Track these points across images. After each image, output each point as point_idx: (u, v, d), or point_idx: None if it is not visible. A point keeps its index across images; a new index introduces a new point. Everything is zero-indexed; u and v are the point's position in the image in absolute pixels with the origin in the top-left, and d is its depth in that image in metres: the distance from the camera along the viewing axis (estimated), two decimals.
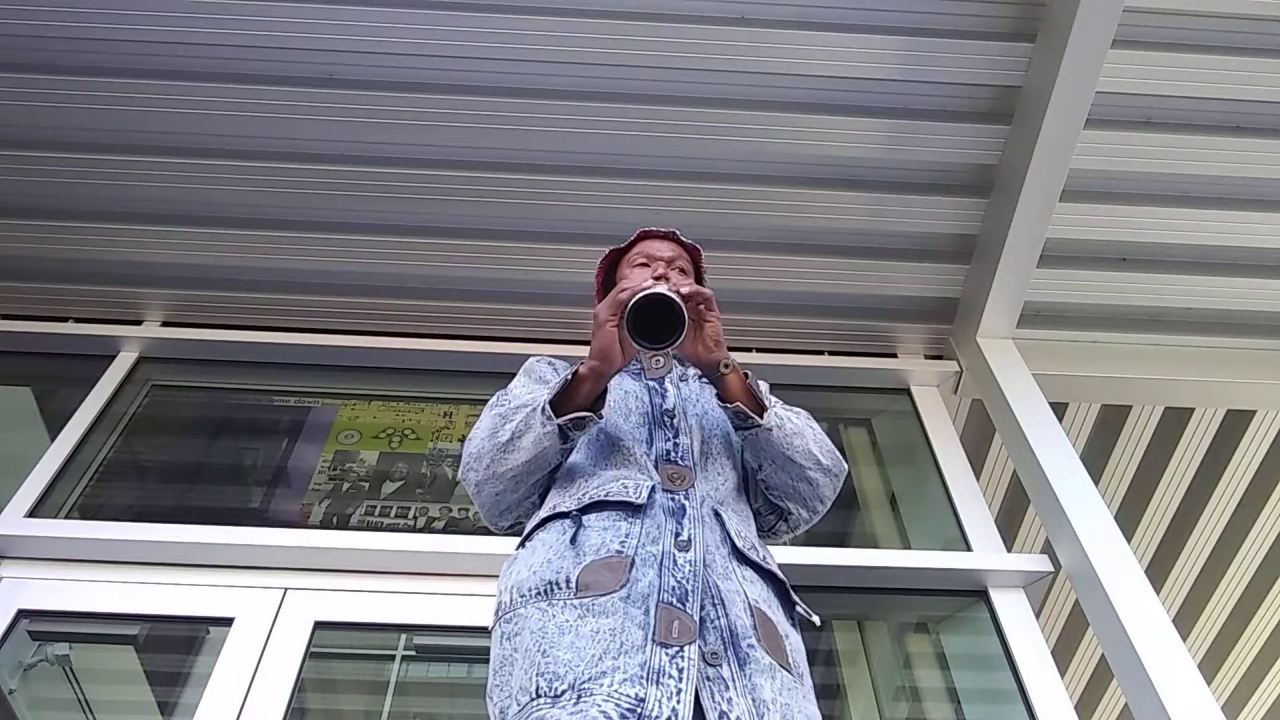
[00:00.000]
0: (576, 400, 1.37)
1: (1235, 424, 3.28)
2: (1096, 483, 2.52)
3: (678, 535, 1.29)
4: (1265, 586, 3.68)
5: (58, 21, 2.55)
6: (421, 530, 2.61)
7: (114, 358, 2.96)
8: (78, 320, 3.03)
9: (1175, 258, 2.98)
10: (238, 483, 2.93)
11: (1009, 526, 3.45)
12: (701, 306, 1.40)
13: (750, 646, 1.21)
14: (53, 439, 2.66)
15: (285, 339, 3.04)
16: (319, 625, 2.25)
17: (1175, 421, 3.29)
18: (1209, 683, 2.19)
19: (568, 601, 1.22)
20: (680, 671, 1.13)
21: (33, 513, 2.44)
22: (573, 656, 1.15)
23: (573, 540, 1.29)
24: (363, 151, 2.76)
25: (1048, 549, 2.48)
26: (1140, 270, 2.99)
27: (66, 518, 2.52)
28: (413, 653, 2.46)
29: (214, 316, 3.04)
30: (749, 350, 3.12)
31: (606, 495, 1.35)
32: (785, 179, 2.84)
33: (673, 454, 1.44)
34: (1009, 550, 2.58)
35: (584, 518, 1.33)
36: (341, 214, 2.86)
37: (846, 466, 1.57)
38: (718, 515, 1.38)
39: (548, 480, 1.47)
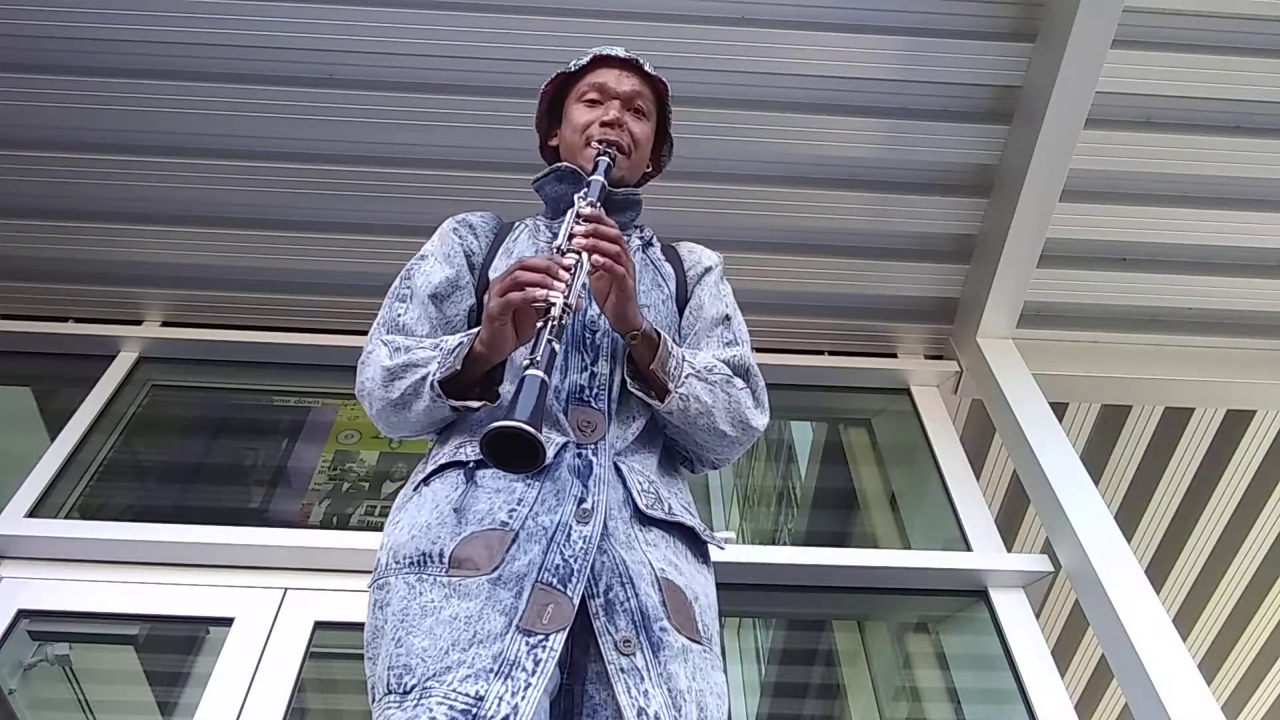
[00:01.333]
0: (471, 374, 1.26)
1: (1235, 424, 3.28)
2: (1096, 483, 2.52)
3: (581, 502, 1.19)
4: (1265, 586, 3.68)
5: (58, 21, 2.55)
6: None
7: (114, 358, 2.96)
8: (78, 320, 3.03)
9: (1175, 258, 2.98)
10: (238, 483, 2.93)
11: (1009, 526, 3.45)
12: (615, 286, 1.26)
13: (663, 630, 1.16)
14: (53, 439, 2.66)
15: (285, 339, 3.04)
16: (319, 625, 2.25)
17: (1175, 421, 3.29)
18: (1209, 683, 2.19)
19: (437, 578, 1.14)
20: (537, 664, 1.06)
21: (33, 513, 2.44)
22: (428, 644, 1.09)
23: (459, 505, 1.20)
24: (363, 151, 2.76)
25: (1048, 549, 2.48)
26: (1140, 270, 2.99)
27: (66, 518, 2.52)
28: None
29: (214, 316, 3.04)
30: None
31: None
32: (785, 179, 2.84)
33: (587, 391, 1.31)
34: (1009, 550, 2.58)
35: (478, 474, 1.22)
36: (341, 214, 2.86)
37: (760, 427, 1.42)
38: (619, 470, 1.27)
39: None
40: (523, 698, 1.03)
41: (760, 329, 3.12)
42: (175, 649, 2.42)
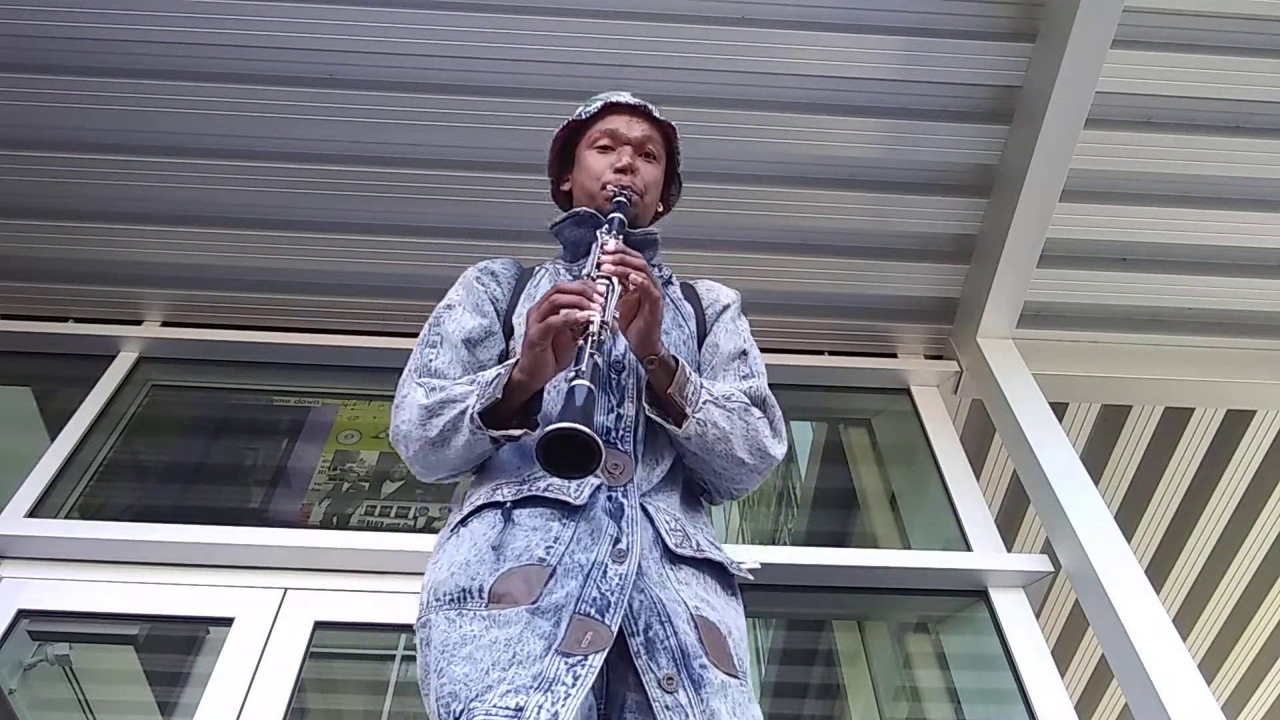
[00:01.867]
0: (509, 404, 1.27)
1: (1235, 424, 3.28)
2: (1096, 483, 2.52)
3: (616, 542, 1.22)
4: (1265, 586, 3.68)
5: (58, 21, 2.55)
6: (421, 530, 2.61)
7: (114, 358, 2.96)
8: (78, 320, 3.03)
9: (1175, 258, 2.98)
10: (238, 483, 2.93)
11: (1009, 526, 3.45)
12: (645, 308, 1.28)
13: (703, 667, 1.17)
14: (53, 439, 2.66)
15: (285, 339, 3.04)
16: (319, 625, 2.25)
17: (1175, 421, 3.29)
18: (1209, 683, 2.18)
19: (476, 613, 1.17)
20: (576, 679, 1.08)
21: (33, 513, 2.44)
22: (468, 669, 1.12)
23: (497, 543, 1.22)
24: (363, 151, 2.76)
25: (1048, 549, 2.48)
26: (1140, 270, 2.99)
27: (66, 518, 2.52)
28: (413, 653, 2.44)
29: (214, 316, 3.04)
30: None
31: (545, 490, 1.26)
32: (785, 179, 2.84)
33: (614, 432, 1.33)
34: (1009, 550, 2.58)
35: (515, 512, 1.25)
36: (341, 214, 2.86)
37: (778, 456, 1.42)
38: (647, 512, 1.29)
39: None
40: (563, 705, 1.05)
41: (760, 329, 3.11)
42: (175, 649, 2.42)
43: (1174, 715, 1.92)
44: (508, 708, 1.05)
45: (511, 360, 1.30)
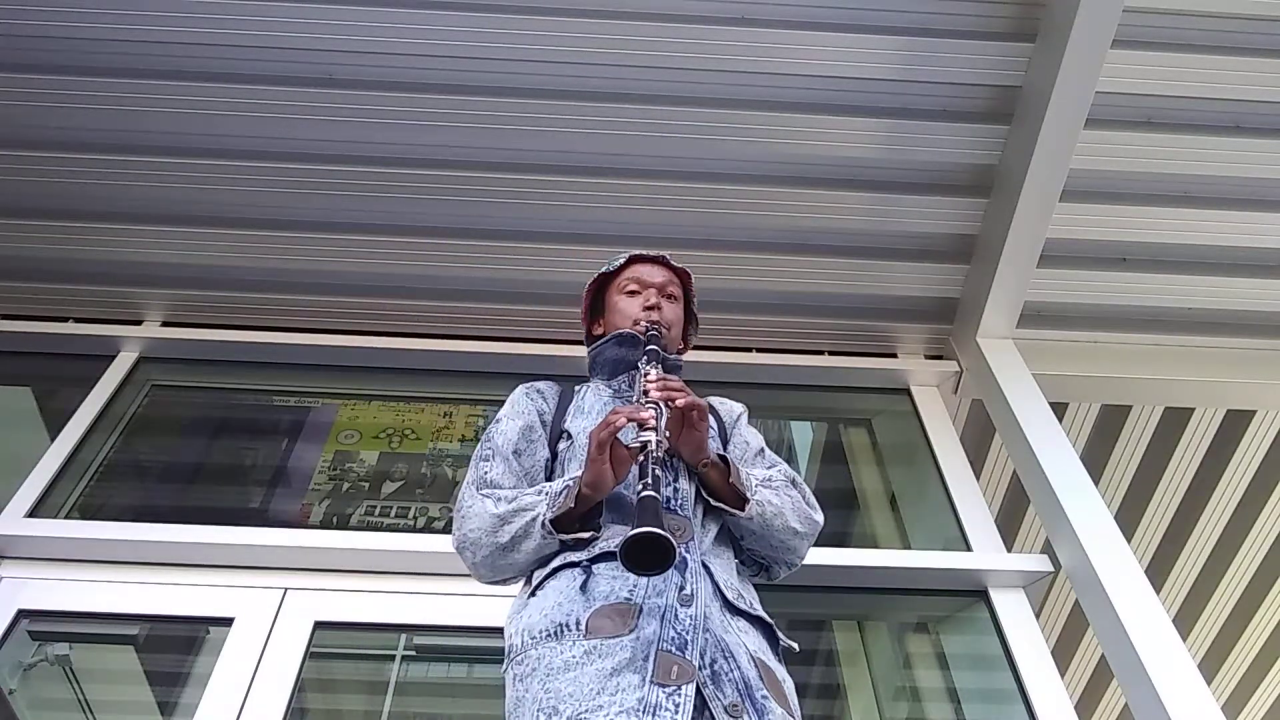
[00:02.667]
0: (576, 511, 1.42)
1: (1235, 424, 3.28)
2: (1096, 483, 2.52)
3: (681, 589, 1.34)
4: (1265, 586, 3.68)
5: (58, 21, 2.55)
6: (421, 530, 2.61)
7: (114, 358, 2.96)
8: (78, 320, 3.04)
9: (1175, 258, 2.98)
10: (238, 483, 2.93)
11: (1009, 526, 3.45)
12: (694, 414, 1.46)
13: (764, 698, 1.27)
14: (53, 439, 2.66)
15: (285, 339, 3.04)
16: (319, 625, 2.25)
17: (1175, 421, 3.29)
18: (1209, 683, 2.18)
19: (576, 641, 1.28)
20: (677, 706, 1.18)
21: (33, 513, 2.44)
22: (574, 690, 1.22)
23: (583, 587, 1.35)
24: (363, 151, 2.76)
25: (1048, 549, 2.48)
26: (1140, 270, 2.99)
27: (66, 518, 2.52)
28: (413, 653, 2.46)
29: (214, 316, 3.04)
30: (749, 350, 3.12)
31: (616, 546, 1.35)
32: (785, 179, 2.84)
33: (673, 502, 1.48)
34: (1009, 550, 2.58)
35: (594, 567, 1.38)
36: (341, 214, 2.86)
37: (821, 520, 1.62)
38: (706, 568, 1.42)
39: None
40: None
41: (760, 329, 3.15)
42: (175, 649, 2.42)
43: (1174, 715, 1.92)
44: None
45: (576, 474, 1.46)
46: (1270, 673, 3.96)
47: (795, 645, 1.49)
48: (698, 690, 1.23)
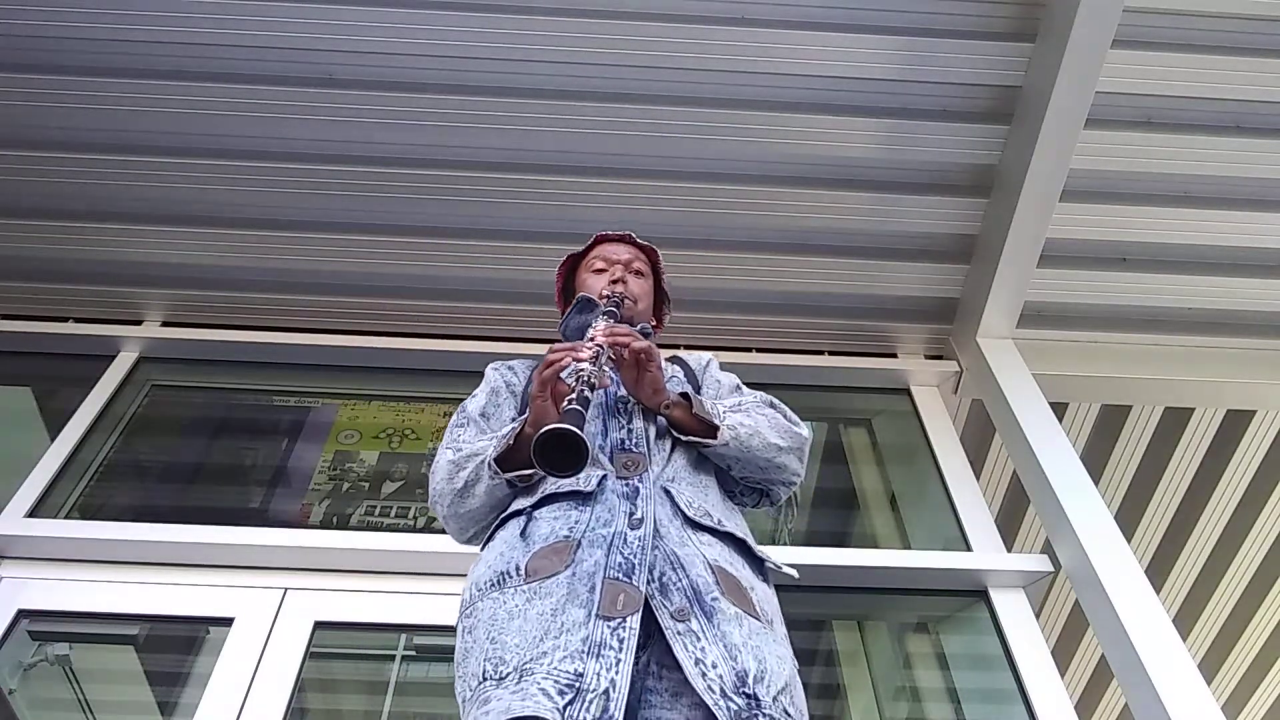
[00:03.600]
0: (521, 455, 1.42)
1: (1235, 424, 3.28)
2: (1096, 483, 2.52)
3: (631, 514, 1.34)
4: (1265, 586, 3.68)
5: (58, 21, 2.55)
6: (421, 530, 2.61)
7: (114, 358, 2.96)
8: (78, 320, 3.04)
9: (1175, 258, 2.98)
10: (238, 483, 2.93)
11: (1009, 526, 3.45)
12: (642, 357, 1.48)
13: (714, 599, 1.26)
14: (53, 439, 2.66)
15: (285, 339, 3.04)
16: (319, 625, 2.25)
17: (1175, 421, 3.29)
18: (1209, 683, 2.18)
19: (518, 588, 1.28)
20: (621, 642, 1.18)
21: (33, 513, 2.44)
22: (519, 640, 1.21)
23: (523, 533, 1.36)
24: (363, 151, 2.76)
25: (1048, 549, 2.48)
26: (1140, 270, 2.99)
27: (66, 518, 2.52)
28: (413, 653, 2.46)
29: (214, 316, 3.04)
30: (749, 350, 3.12)
31: (558, 488, 1.41)
32: (785, 179, 2.84)
33: (627, 441, 1.49)
34: (1009, 550, 2.58)
35: (535, 511, 1.39)
36: (341, 214, 2.86)
37: (808, 434, 1.60)
38: (667, 492, 1.42)
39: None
40: (617, 672, 1.15)
41: (760, 329, 3.15)
42: (175, 649, 2.42)
43: (1174, 715, 1.92)
44: (568, 671, 1.14)
45: (522, 416, 1.48)
46: (1270, 673, 3.96)
47: (794, 572, 1.46)
48: (645, 605, 1.23)
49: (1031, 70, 2.63)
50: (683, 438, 1.51)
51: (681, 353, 1.82)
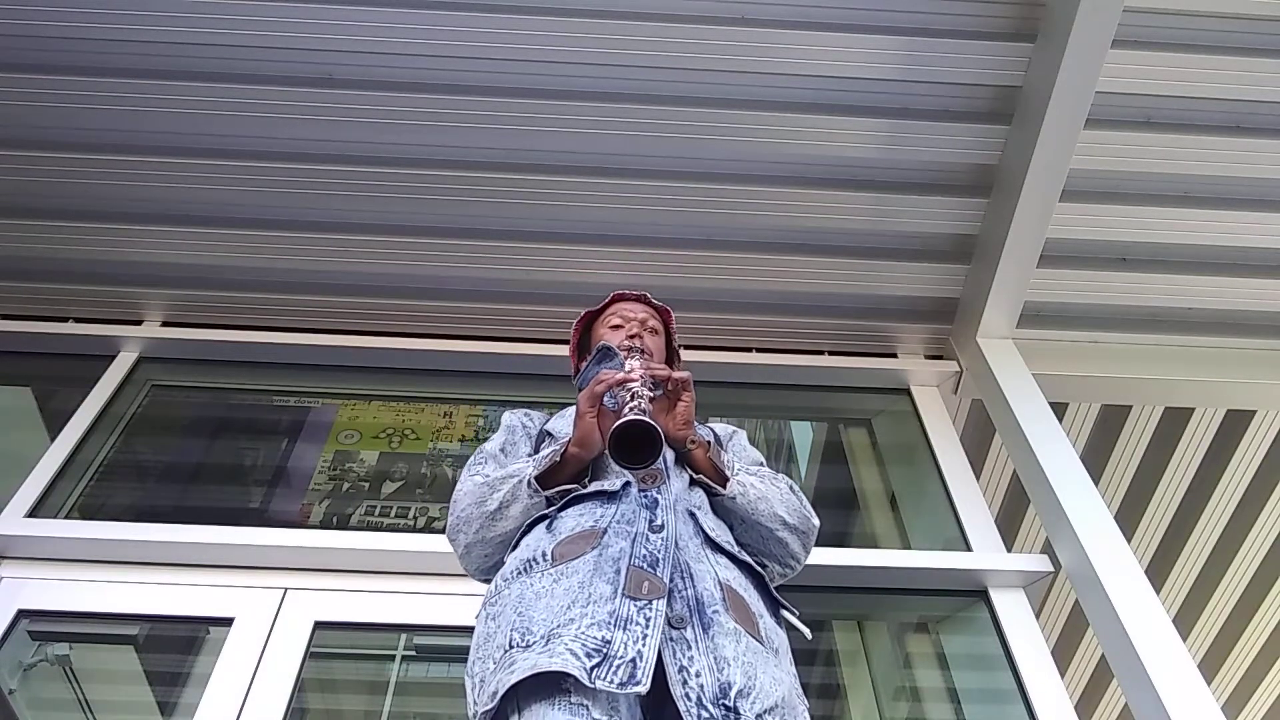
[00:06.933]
0: (561, 475, 1.48)
1: (1235, 424, 3.28)
2: (1096, 483, 2.52)
3: (651, 520, 1.37)
4: (1265, 586, 3.68)
5: (58, 21, 2.55)
6: (421, 530, 2.61)
7: (114, 358, 2.96)
8: (78, 320, 3.03)
9: (1175, 258, 2.98)
10: (238, 483, 2.93)
11: (1009, 526, 3.45)
12: (680, 388, 1.54)
13: (715, 613, 1.27)
14: (53, 439, 2.66)
15: (285, 339, 3.04)
16: (319, 625, 2.25)
17: (1175, 421, 3.29)
18: (1209, 683, 2.18)
19: (544, 571, 1.31)
20: (647, 620, 1.19)
21: (33, 513, 2.44)
22: (547, 615, 1.23)
23: (549, 527, 1.40)
24: (362, 151, 2.76)
25: (1048, 549, 2.48)
26: (1140, 270, 2.99)
27: (66, 518, 2.52)
28: (413, 653, 2.46)
29: (214, 316, 3.04)
30: (749, 350, 3.12)
31: (585, 489, 1.46)
32: (785, 179, 2.84)
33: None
34: (1009, 550, 2.58)
35: (561, 512, 1.43)
36: (341, 214, 2.86)
37: (817, 523, 1.62)
38: (691, 514, 1.45)
39: None
40: (644, 644, 1.16)
41: (760, 329, 3.15)
42: (175, 649, 2.42)
43: (1174, 715, 1.91)
44: (596, 637, 1.16)
45: (564, 439, 1.52)
46: (1270, 673, 3.96)
47: (808, 632, 1.45)
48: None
49: (1031, 70, 2.63)
50: (695, 476, 1.55)
51: (715, 423, 1.86)
